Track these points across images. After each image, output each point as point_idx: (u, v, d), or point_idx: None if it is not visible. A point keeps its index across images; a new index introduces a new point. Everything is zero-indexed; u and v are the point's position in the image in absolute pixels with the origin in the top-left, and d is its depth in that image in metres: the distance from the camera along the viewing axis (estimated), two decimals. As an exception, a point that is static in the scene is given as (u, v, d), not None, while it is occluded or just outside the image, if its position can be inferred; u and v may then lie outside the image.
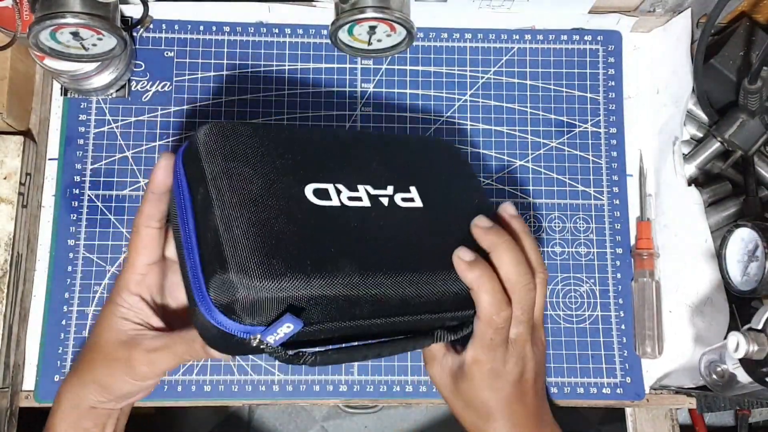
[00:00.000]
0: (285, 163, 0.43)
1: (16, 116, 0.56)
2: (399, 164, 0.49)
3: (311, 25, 0.63)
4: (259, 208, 0.40)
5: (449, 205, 0.48)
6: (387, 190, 0.46)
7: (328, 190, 0.43)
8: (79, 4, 0.48)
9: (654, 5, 0.62)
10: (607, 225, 0.62)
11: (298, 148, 0.45)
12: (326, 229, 0.42)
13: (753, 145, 0.58)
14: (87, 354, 0.48)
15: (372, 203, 0.45)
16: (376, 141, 0.50)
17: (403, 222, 0.45)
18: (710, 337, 0.56)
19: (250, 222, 0.38)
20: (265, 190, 0.41)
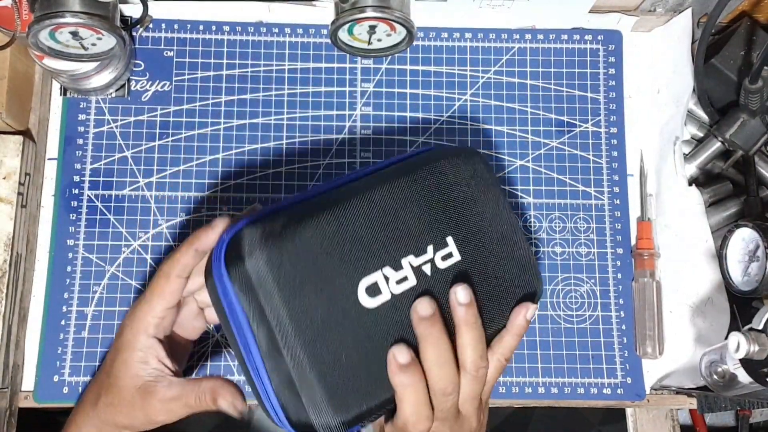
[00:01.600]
0: (333, 264, 0.42)
1: (15, 116, 0.56)
2: (432, 206, 0.45)
3: (311, 25, 0.63)
4: (326, 342, 0.41)
5: (484, 247, 0.46)
6: (427, 253, 0.44)
7: (377, 283, 0.42)
8: (79, 4, 0.48)
9: (654, 5, 0.62)
10: (608, 225, 0.62)
11: (340, 235, 0.43)
12: (385, 338, 0.42)
13: (754, 144, 0.58)
14: (107, 395, 0.47)
15: (417, 278, 0.43)
16: (404, 180, 0.46)
17: (445, 290, 0.44)
18: (711, 337, 0.56)
19: (320, 361, 0.41)
20: (327, 315, 0.41)
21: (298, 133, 0.61)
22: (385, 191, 0.45)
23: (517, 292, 0.46)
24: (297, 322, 0.40)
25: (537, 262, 0.48)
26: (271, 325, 0.40)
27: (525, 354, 0.59)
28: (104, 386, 0.48)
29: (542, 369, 0.59)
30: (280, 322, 0.40)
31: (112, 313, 0.57)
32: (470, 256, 0.45)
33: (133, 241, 0.58)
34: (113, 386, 0.47)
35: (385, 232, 0.44)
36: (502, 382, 0.58)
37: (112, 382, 0.47)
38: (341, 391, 0.41)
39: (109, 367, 0.47)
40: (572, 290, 0.60)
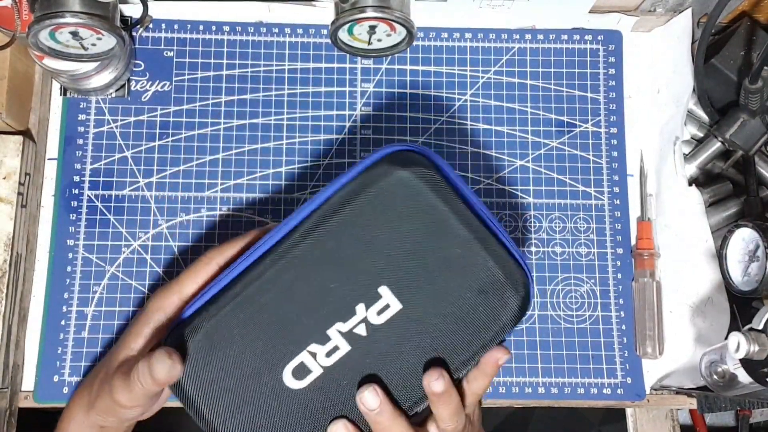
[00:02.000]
0: (254, 361, 0.42)
1: (15, 116, 0.56)
2: (356, 256, 0.41)
3: (311, 25, 0.63)
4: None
5: (432, 283, 0.41)
6: (357, 314, 0.41)
7: (303, 363, 0.41)
8: (79, 4, 0.48)
9: (654, 5, 0.62)
10: (608, 225, 0.62)
11: (251, 330, 0.42)
12: (325, 412, 0.42)
13: (754, 144, 0.58)
14: (103, 394, 0.47)
15: (351, 344, 0.41)
16: (317, 235, 0.42)
17: (390, 345, 0.41)
18: (711, 337, 0.56)
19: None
20: (256, 411, 0.42)
21: (298, 133, 0.61)
22: (294, 259, 0.41)
23: (493, 316, 0.42)
24: (221, 422, 0.42)
25: (517, 270, 0.43)
26: (205, 424, 0.42)
27: (525, 354, 0.59)
28: (103, 382, 0.46)
29: (542, 369, 0.59)
30: (208, 422, 0.42)
31: (112, 313, 0.57)
32: (414, 299, 0.41)
33: (133, 241, 0.58)
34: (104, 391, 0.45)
35: (301, 308, 0.41)
36: (502, 382, 0.58)
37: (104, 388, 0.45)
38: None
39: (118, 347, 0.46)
40: (572, 290, 0.60)
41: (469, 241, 0.42)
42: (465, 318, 0.42)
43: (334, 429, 0.41)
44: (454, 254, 0.41)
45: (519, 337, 0.59)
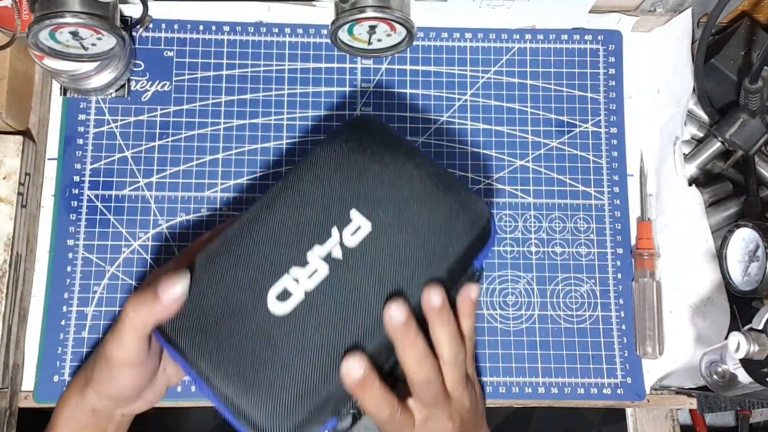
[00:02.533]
0: (241, 289, 0.44)
1: (15, 116, 0.56)
2: (326, 189, 0.46)
3: (311, 25, 0.63)
4: (249, 367, 0.43)
5: (397, 206, 0.45)
6: (332, 236, 0.44)
7: (286, 288, 0.43)
8: (79, 4, 0.48)
9: (654, 5, 0.62)
10: (608, 225, 0.62)
11: (234, 268, 0.44)
12: (308, 335, 0.43)
13: (754, 144, 0.58)
14: (98, 370, 0.47)
15: (330, 267, 0.44)
16: (289, 178, 0.47)
17: (366, 266, 0.44)
18: (711, 337, 0.56)
19: (249, 386, 0.43)
20: (242, 342, 0.43)
21: (298, 133, 0.61)
22: (270, 199, 0.46)
23: (455, 234, 0.45)
24: (216, 364, 0.43)
25: (476, 197, 0.47)
26: (201, 372, 0.43)
27: (525, 354, 0.59)
28: (97, 362, 0.46)
29: (542, 369, 0.59)
30: (203, 370, 0.43)
31: (112, 313, 0.57)
32: (382, 218, 0.45)
33: (133, 241, 0.58)
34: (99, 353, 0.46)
35: (280, 238, 0.44)
36: (502, 382, 0.58)
37: (99, 350, 0.46)
38: (280, 402, 0.42)
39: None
40: (572, 290, 0.60)
41: (430, 172, 0.47)
42: (434, 234, 0.45)
43: (348, 363, 0.42)
44: (417, 184, 0.46)
45: (519, 337, 0.59)
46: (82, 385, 0.48)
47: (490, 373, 0.58)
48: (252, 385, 0.43)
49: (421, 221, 0.45)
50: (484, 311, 0.59)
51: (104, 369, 0.45)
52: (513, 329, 0.59)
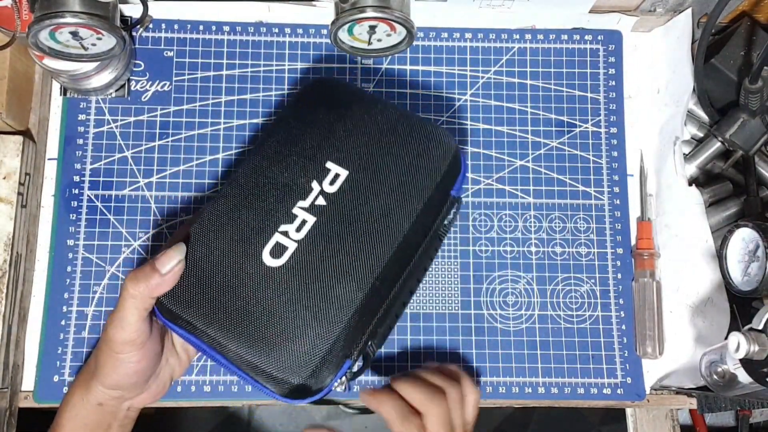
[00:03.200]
0: (234, 252, 0.46)
1: (15, 116, 0.56)
2: (297, 148, 0.49)
3: (311, 25, 0.63)
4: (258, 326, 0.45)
5: (366, 149, 0.49)
6: (313, 189, 0.48)
7: (278, 243, 0.46)
8: (79, 4, 0.48)
9: (654, 5, 0.62)
10: (608, 225, 0.62)
11: (234, 225, 0.47)
12: (308, 278, 0.46)
13: (754, 144, 0.58)
14: (102, 361, 0.48)
15: (315, 215, 0.47)
16: (261, 144, 0.50)
17: (350, 204, 0.47)
18: (711, 337, 0.56)
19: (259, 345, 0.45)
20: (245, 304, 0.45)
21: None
22: (249, 168, 0.49)
23: (428, 166, 0.49)
24: (226, 328, 0.45)
25: (442, 132, 0.51)
26: (213, 340, 0.45)
27: (525, 354, 0.59)
28: (101, 353, 0.46)
29: (542, 369, 0.59)
30: (214, 337, 0.45)
31: (112, 313, 0.57)
32: (357, 164, 0.48)
33: (133, 241, 0.58)
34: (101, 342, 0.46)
35: (265, 201, 0.47)
36: (502, 382, 0.58)
37: (101, 339, 0.46)
38: (294, 352, 0.45)
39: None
40: (572, 290, 0.60)
41: (391, 111, 0.51)
42: (408, 169, 0.49)
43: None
44: (378, 123, 0.50)
45: (519, 337, 0.59)
46: (87, 380, 0.48)
47: (490, 373, 0.58)
48: (264, 340, 0.45)
49: (394, 159, 0.49)
50: (484, 311, 0.59)
51: (108, 356, 0.46)
52: (513, 329, 0.59)
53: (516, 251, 0.61)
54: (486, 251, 0.60)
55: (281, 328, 0.45)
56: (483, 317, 0.59)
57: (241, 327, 0.45)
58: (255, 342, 0.45)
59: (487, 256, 0.60)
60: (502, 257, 0.60)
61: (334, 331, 0.45)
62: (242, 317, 0.45)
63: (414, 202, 0.48)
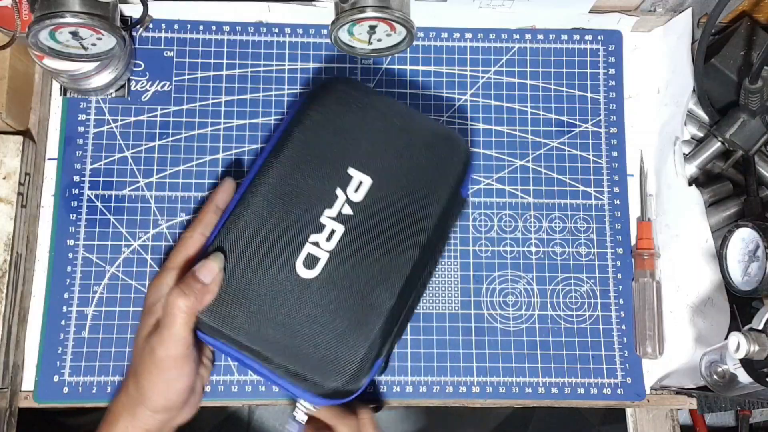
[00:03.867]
0: (272, 268, 0.48)
1: (15, 116, 0.56)
2: (316, 157, 0.49)
3: (311, 25, 0.63)
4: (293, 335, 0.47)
5: (386, 153, 0.50)
6: (338, 197, 0.49)
7: (310, 254, 0.48)
8: (79, 4, 0.48)
9: (654, 5, 0.62)
10: (608, 225, 0.62)
11: (251, 255, 0.48)
12: (343, 285, 0.47)
13: (754, 144, 0.58)
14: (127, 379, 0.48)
15: (344, 223, 0.48)
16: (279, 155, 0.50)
17: (377, 212, 0.49)
18: (711, 337, 0.56)
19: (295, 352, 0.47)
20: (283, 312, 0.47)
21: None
22: (267, 176, 0.49)
23: (444, 163, 0.50)
24: (270, 343, 0.46)
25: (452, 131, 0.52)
26: (258, 354, 0.47)
27: (525, 354, 0.59)
28: (145, 379, 0.46)
29: (542, 369, 0.59)
30: (257, 352, 0.47)
31: (112, 313, 0.57)
32: (379, 170, 0.49)
33: (133, 241, 0.58)
34: (146, 366, 0.46)
35: (291, 211, 0.48)
36: (502, 382, 0.58)
37: (145, 362, 0.46)
38: (335, 358, 0.46)
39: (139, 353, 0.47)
40: (572, 290, 0.60)
41: (405, 113, 0.52)
42: (426, 169, 0.50)
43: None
44: (395, 126, 0.51)
45: (519, 338, 0.59)
46: (131, 409, 0.47)
47: (490, 373, 0.58)
48: (306, 351, 0.46)
49: (413, 164, 0.50)
50: (484, 311, 0.59)
51: (158, 378, 0.46)
52: (513, 329, 0.59)
53: (516, 251, 0.61)
54: (486, 251, 0.60)
55: (321, 338, 0.46)
56: (483, 317, 0.59)
57: (285, 340, 0.46)
58: (297, 353, 0.46)
59: (487, 256, 0.60)
60: (502, 257, 0.60)
61: (369, 337, 0.47)
62: (284, 330, 0.46)
63: (434, 205, 0.50)
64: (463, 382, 0.58)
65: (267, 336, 0.46)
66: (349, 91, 0.52)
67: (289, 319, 0.47)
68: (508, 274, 0.60)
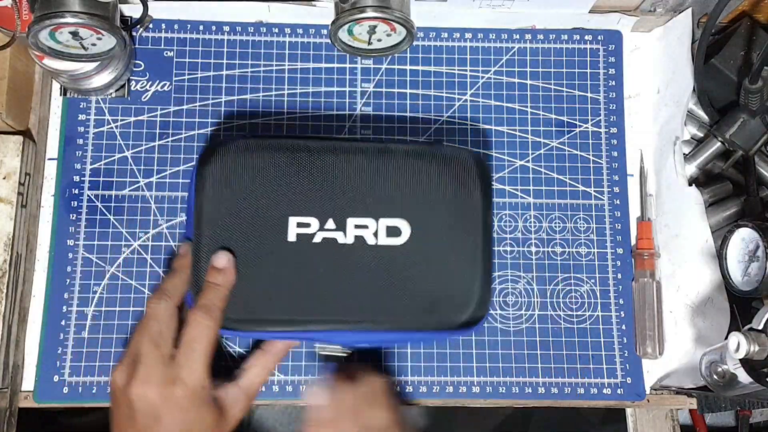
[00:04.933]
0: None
1: (15, 116, 0.56)
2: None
3: (311, 25, 0.63)
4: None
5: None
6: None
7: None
8: (79, 4, 0.48)
9: (655, 5, 0.62)
10: (608, 225, 0.62)
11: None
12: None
13: (754, 144, 0.58)
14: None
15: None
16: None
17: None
18: (711, 337, 0.56)
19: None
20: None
21: (298, 134, 0.61)
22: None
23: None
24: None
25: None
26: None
27: (525, 354, 0.59)
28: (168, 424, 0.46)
29: (542, 369, 0.59)
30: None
31: (112, 313, 0.57)
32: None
33: (133, 241, 0.58)
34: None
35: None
36: (502, 382, 0.58)
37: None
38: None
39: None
40: (572, 290, 0.60)
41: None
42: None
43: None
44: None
45: (519, 338, 0.59)
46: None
47: (490, 373, 0.58)
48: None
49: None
50: (484, 311, 0.59)
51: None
52: (513, 329, 0.59)
53: (516, 251, 0.61)
54: (486, 251, 0.60)
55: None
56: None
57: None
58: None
59: (487, 256, 0.60)
60: (502, 257, 0.60)
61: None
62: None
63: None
64: (463, 382, 0.58)
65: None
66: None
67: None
68: (508, 274, 0.60)
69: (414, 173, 0.51)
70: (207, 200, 0.49)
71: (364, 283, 0.49)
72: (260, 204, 0.49)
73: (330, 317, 0.49)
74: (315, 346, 0.55)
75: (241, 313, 0.49)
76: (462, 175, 0.51)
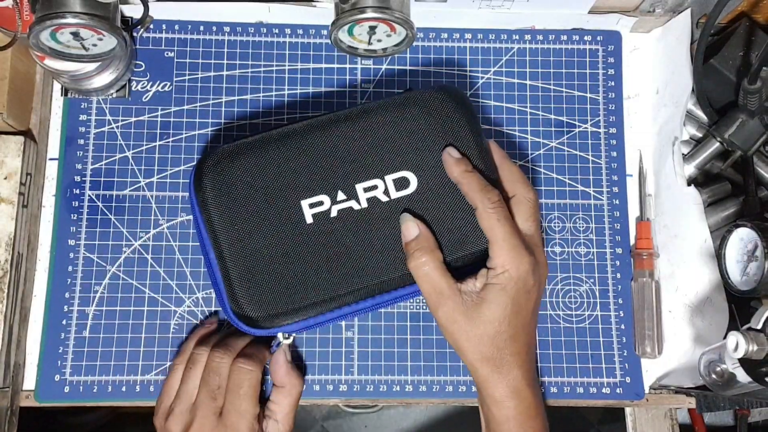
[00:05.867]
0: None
1: (16, 116, 0.56)
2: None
3: (311, 25, 0.63)
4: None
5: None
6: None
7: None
8: (80, 4, 0.48)
9: (654, 5, 0.62)
10: (607, 225, 0.62)
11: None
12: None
13: (752, 145, 0.58)
14: None
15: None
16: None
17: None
18: (710, 336, 0.56)
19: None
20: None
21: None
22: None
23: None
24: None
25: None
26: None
27: (524, 353, 0.59)
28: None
29: (542, 369, 0.59)
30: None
31: (113, 313, 0.57)
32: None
33: (134, 241, 0.59)
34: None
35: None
36: (502, 382, 0.58)
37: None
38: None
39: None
40: (572, 290, 0.60)
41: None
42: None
43: (405, 226, 0.49)
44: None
45: (518, 337, 0.59)
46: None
47: (489, 372, 0.58)
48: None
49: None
50: (484, 311, 0.59)
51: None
52: (512, 329, 0.59)
53: (515, 251, 0.61)
54: (486, 251, 0.60)
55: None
56: (483, 317, 0.59)
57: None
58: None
59: (486, 255, 0.60)
60: (502, 257, 0.60)
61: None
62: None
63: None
64: (462, 382, 0.58)
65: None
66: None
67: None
68: (508, 273, 0.60)
69: (400, 123, 0.51)
70: (217, 220, 0.49)
71: (392, 239, 0.50)
72: (268, 199, 0.50)
73: (368, 281, 0.49)
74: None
75: (281, 307, 0.49)
76: (444, 111, 0.51)
